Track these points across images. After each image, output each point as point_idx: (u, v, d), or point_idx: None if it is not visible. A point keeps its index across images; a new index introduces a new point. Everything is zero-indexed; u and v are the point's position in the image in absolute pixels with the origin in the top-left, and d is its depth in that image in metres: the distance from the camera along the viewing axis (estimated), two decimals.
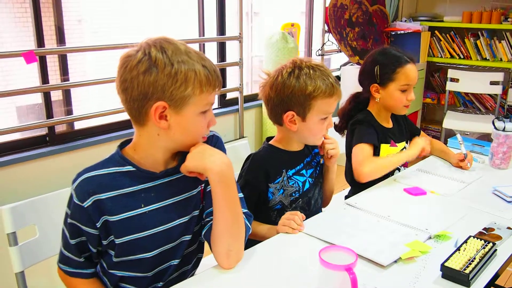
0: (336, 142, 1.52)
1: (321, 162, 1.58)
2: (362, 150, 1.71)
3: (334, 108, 1.41)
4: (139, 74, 0.98)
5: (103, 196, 1.05)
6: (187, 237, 1.16)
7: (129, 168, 1.08)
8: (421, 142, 1.81)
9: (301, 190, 1.49)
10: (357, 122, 1.80)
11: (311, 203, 1.53)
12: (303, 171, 1.51)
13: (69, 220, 1.08)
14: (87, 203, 1.04)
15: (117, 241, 1.07)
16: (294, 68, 1.38)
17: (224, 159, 1.09)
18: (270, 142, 1.53)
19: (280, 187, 1.45)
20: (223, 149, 1.21)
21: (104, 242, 1.09)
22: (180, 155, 1.14)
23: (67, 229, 1.10)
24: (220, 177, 1.07)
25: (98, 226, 1.06)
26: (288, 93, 1.37)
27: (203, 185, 1.18)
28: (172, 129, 1.04)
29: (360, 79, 1.87)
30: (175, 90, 0.99)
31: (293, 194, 1.48)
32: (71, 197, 1.07)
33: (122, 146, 1.12)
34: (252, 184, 1.43)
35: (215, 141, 1.21)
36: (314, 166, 1.56)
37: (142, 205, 1.08)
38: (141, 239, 1.09)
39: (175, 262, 1.16)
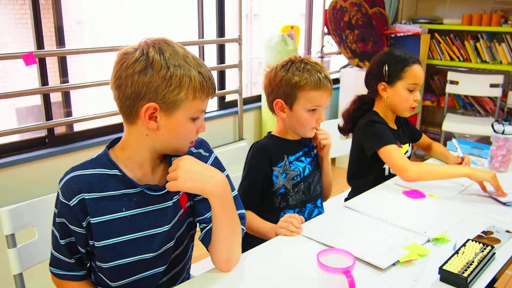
0: (328, 133, 1.59)
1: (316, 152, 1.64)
2: (395, 151, 1.71)
3: (323, 102, 1.48)
4: (134, 73, 0.98)
5: (87, 196, 1.05)
6: (170, 244, 1.15)
7: (115, 171, 1.07)
8: (489, 175, 1.61)
9: (302, 175, 1.56)
10: (371, 122, 1.79)
11: (311, 188, 1.59)
12: (303, 158, 1.58)
13: (57, 220, 1.08)
14: (73, 202, 1.04)
15: (97, 244, 1.07)
16: (288, 61, 1.49)
17: (222, 177, 1.09)
18: (271, 133, 1.62)
19: (282, 171, 1.52)
20: (210, 152, 1.23)
21: (90, 243, 1.08)
22: (165, 170, 1.13)
23: (56, 229, 1.09)
24: (223, 198, 1.07)
25: (84, 226, 1.06)
26: (277, 82, 1.48)
27: (181, 192, 1.16)
28: (160, 130, 1.04)
29: (366, 80, 1.89)
30: (168, 93, 0.99)
31: (295, 178, 1.55)
32: (58, 195, 1.07)
33: (111, 145, 1.12)
34: (258, 167, 1.51)
35: (198, 144, 1.21)
36: (313, 157, 1.62)
37: (124, 209, 1.08)
38: (120, 243, 1.08)
39: (161, 269, 1.15)
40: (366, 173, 1.89)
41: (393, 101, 1.81)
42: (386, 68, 1.79)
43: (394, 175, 1.84)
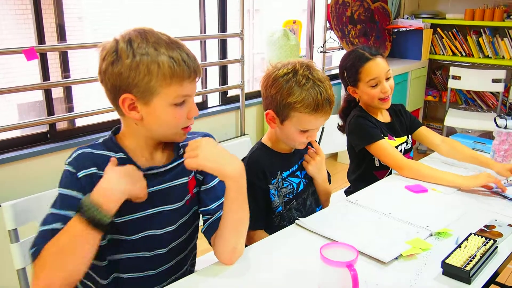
0: (319, 161, 1.48)
1: None
2: (386, 149, 1.72)
3: (317, 125, 1.37)
4: (108, 66, 0.99)
5: (99, 173, 1.02)
6: (171, 228, 1.14)
7: (120, 155, 1.08)
8: (484, 179, 1.58)
9: (295, 192, 1.48)
10: (355, 119, 1.82)
11: (306, 204, 1.52)
12: (298, 173, 1.50)
13: (60, 190, 1.02)
14: (81, 173, 1.02)
15: None
16: (292, 70, 1.32)
17: (241, 163, 1.08)
18: (262, 141, 1.51)
19: (275, 189, 1.44)
20: None
21: None
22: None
23: (57, 204, 1.02)
24: (239, 182, 1.07)
25: None
26: (273, 94, 1.33)
27: (190, 176, 1.16)
28: (145, 120, 1.04)
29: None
30: (139, 82, 0.99)
31: (287, 196, 1.46)
32: (63, 173, 1.03)
33: (116, 131, 1.13)
34: (253, 183, 1.35)
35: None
36: None
37: None
38: (122, 223, 1.07)
39: (162, 251, 1.14)
40: (359, 166, 1.91)
41: (365, 100, 1.83)
42: (345, 74, 1.82)
43: (386, 166, 1.85)
